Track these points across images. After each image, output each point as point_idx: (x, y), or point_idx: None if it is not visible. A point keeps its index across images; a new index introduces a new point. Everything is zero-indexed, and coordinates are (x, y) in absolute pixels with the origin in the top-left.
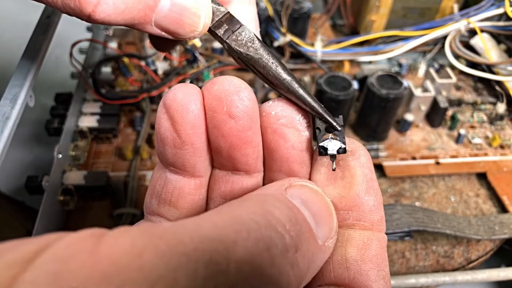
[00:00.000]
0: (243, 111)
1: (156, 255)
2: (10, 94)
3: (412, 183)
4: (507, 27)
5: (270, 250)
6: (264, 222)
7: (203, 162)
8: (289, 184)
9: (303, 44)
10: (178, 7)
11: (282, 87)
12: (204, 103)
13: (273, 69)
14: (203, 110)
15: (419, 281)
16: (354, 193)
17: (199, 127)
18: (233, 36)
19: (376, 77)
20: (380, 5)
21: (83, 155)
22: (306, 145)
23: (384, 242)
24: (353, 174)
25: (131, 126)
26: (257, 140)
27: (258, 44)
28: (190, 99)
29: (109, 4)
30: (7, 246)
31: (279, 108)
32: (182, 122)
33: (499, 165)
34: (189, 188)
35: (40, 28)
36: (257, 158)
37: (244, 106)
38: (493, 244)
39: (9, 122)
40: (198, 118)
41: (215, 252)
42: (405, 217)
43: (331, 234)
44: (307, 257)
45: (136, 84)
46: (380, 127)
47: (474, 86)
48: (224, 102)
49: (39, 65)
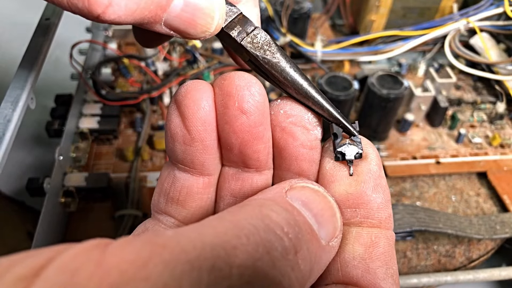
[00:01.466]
0: (255, 106)
1: (160, 264)
2: (11, 96)
3: (413, 182)
4: (506, 26)
5: (270, 253)
6: (263, 226)
7: (212, 160)
8: (289, 187)
9: (303, 44)
10: (191, 7)
11: (299, 93)
12: (215, 99)
13: (290, 74)
14: (214, 106)
15: (421, 280)
16: (361, 190)
17: (210, 123)
18: (248, 39)
19: (376, 77)
20: (379, 5)
21: (84, 157)
22: (315, 144)
23: (392, 240)
24: (360, 171)
25: (132, 127)
26: (268, 135)
27: (275, 48)
28: (201, 96)
29: (121, 6)
30: (13, 259)
31: (288, 107)
32: (193, 119)
33: (499, 164)
34: (198, 187)
35: (40, 29)
36: (268, 155)
37: (256, 101)
38: (494, 243)
39: (10, 125)
40: (209, 115)
41: (217, 259)
42: (407, 217)
43: (335, 233)
44: (309, 259)
45: (136, 85)
46: (380, 127)
47: (474, 85)
48: (236, 98)
49: (40, 67)
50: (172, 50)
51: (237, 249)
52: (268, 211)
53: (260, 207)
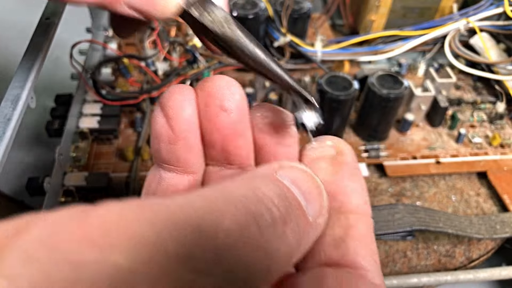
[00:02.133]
0: (235, 104)
1: (145, 223)
2: (11, 95)
3: (413, 182)
4: (506, 26)
5: (259, 222)
6: (253, 196)
7: (197, 159)
8: (279, 166)
9: (303, 44)
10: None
11: (260, 67)
12: (198, 100)
13: (250, 49)
14: (196, 106)
15: (421, 280)
16: (338, 178)
17: (193, 122)
18: (209, 17)
19: (376, 77)
20: (379, 4)
21: (84, 156)
22: (292, 141)
23: (370, 225)
24: (337, 162)
25: (132, 127)
26: (248, 133)
27: (234, 25)
28: (184, 97)
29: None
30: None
31: (263, 109)
32: (177, 118)
33: (500, 164)
34: (183, 185)
35: (40, 29)
36: (249, 151)
37: (236, 100)
38: (494, 243)
39: (10, 124)
40: (192, 114)
41: (203, 221)
42: (407, 217)
43: (322, 211)
44: (297, 232)
45: (136, 85)
46: (380, 127)
47: (474, 85)
48: (217, 96)
49: (40, 66)
50: (172, 50)
51: (225, 215)
52: (259, 184)
53: (250, 180)
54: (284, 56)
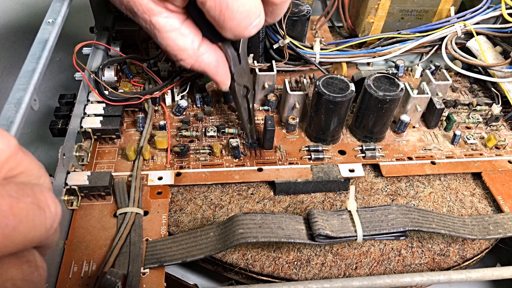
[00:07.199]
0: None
1: None
2: (14, 98)
3: (409, 182)
4: (503, 29)
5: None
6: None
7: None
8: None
9: (302, 47)
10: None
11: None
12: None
13: (243, 114)
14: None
15: (414, 279)
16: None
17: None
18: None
19: (373, 79)
20: (377, 7)
21: (86, 156)
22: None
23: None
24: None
25: (134, 127)
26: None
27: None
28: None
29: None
30: None
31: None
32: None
33: (494, 165)
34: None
35: (43, 31)
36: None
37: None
38: (488, 242)
39: (13, 126)
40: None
41: None
42: (400, 218)
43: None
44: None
45: (138, 86)
46: (377, 128)
47: (470, 87)
48: None
49: (43, 68)
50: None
51: None
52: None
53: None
54: (284, 58)
